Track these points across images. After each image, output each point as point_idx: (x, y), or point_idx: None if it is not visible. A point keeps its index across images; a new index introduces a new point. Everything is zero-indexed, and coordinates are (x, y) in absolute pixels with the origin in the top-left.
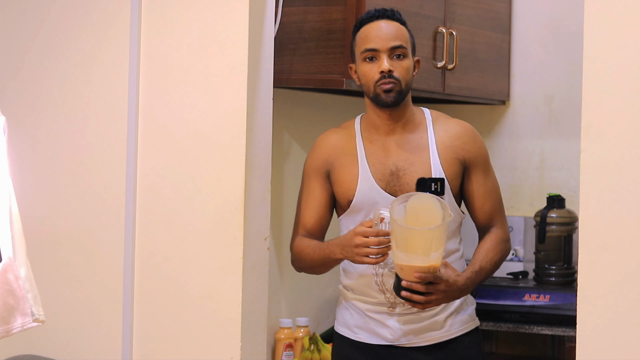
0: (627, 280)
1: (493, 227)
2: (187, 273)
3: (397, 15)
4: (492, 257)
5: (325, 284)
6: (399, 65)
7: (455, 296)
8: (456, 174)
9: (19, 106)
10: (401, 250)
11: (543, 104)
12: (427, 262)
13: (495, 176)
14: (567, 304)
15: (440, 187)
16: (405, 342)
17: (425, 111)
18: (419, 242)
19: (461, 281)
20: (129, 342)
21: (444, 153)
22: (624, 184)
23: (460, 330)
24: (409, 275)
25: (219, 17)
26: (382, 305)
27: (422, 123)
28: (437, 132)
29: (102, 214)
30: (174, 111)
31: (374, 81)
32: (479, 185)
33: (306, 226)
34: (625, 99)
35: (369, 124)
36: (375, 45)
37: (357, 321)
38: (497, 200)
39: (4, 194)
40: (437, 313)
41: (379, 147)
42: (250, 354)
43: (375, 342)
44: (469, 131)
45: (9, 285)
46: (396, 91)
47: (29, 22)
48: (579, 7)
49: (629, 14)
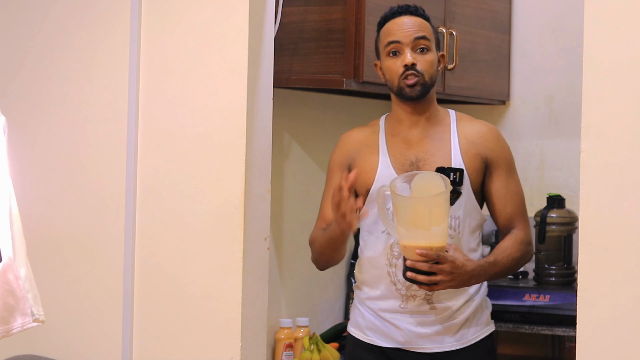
0: (627, 280)
1: (514, 229)
2: (187, 273)
3: (421, 11)
4: (509, 253)
5: (325, 284)
6: (422, 58)
7: (465, 281)
8: (477, 169)
9: (19, 106)
10: (402, 224)
11: (543, 104)
12: (429, 238)
13: (519, 180)
14: (567, 304)
15: (459, 178)
16: (417, 347)
17: (450, 111)
18: (419, 213)
19: (470, 266)
20: (129, 342)
21: (466, 148)
22: (624, 184)
23: (474, 338)
24: (412, 254)
25: (219, 17)
26: (394, 300)
27: (446, 119)
28: (461, 128)
29: (102, 214)
30: (174, 111)
31: (398, 75)
32: (501, 185)
33: (326, 220)
34: (625, 99)
35: (393, 120)
36: (398, 37)
37: (369, 322)
38: (519, 203)
39: (4, 194)
40: (452, 317)
41: (401, 140)
42: (250, 354)
43: (386, 344)
44: (493, 131)
45: (9, 285)
46: (420, 84)
47: (29, 22)
48: (579, 7)
49: (629, 14)
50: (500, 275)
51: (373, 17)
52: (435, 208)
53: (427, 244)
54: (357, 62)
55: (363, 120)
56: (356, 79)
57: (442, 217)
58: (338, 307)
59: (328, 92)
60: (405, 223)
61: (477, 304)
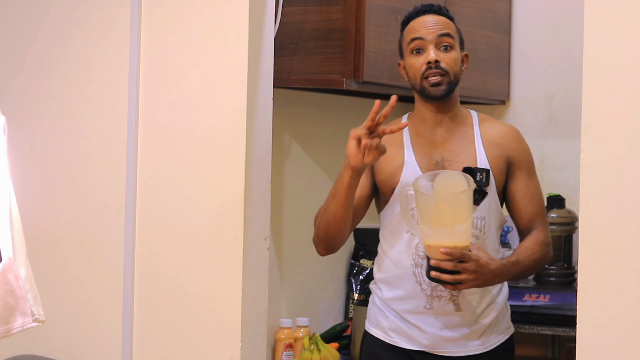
0: (627, 280)
1: (534, 230)
2: (187, 273)
3: (445, 10)
4: (531, 254)
5: (325, 284)
6: (446, 56)
7: (488, 280)
8: (501, 169)
9: (19, 106)
10: (426, 223)
11: (543, 104)
12: (453, 237)
13: (539, 181)
14: (567, 304)
15: (485, 178)
16: (442, 351)
17: (471, 111)
18: (442, 211)
19: (494, 265)
20: (129, 342)
21: (490, 148)
22: (624, 184)
23: (496, 342)
24: (435, 254)
25: (219, 17)
26: (419, 300)
27: (469, 120)
28: (483, 129)
29: (102, 214)
30: (174, 111)
31: (421, 73)
32: (522, 186)
33: None
34: (625, 99)
35: (416, 118)
36: (421, 34)
37: (392, 324)
38: (539, 204)
39: (4, 194)
40: (476, 321)
41: (424, 139)
42: (250, 354)
43: (410, 347)
44: (514, 132)
45: (9, 285)
46: (446, 83)
47: (29, 22)
48: (579, 7)
49: (629, 14)
50: (522, 276)
51: (373, 17)
52: (459, 206)
53: (451, 242)
54: (357, 62)
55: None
56: (356, 79)
57: (466, 215)
58: (338, 307)
59: (328, 92)
60: (429, 222)
61: (500, 307)
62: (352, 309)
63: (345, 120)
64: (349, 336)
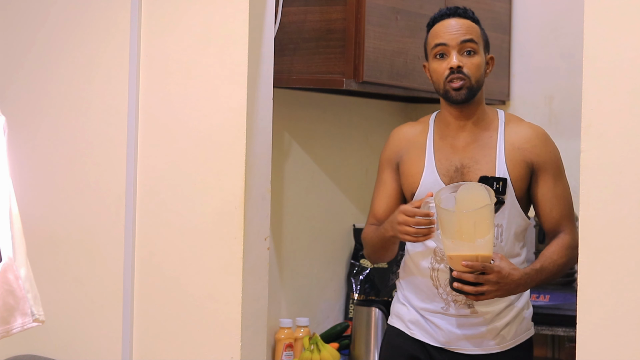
0: (627, 280)
1: (561, 233)
2: (187, 273)
3: (470, 13)
4: (555, 259)
5: (325, 284)
6: (469, 61)
7: (511, 290)
8: (522, 176)
9: (19, 106)
10: (447, 237)
11: (543, 104)
12: (474, 249)
13: (568, 183)
14: (567, 304)
15: (502, 187)
16: (457, 348)
17: (499, 112)
18: (463, 226)
19: (517, 275)
20: (129, 342)
21: (511, 154)
22: (624, 184)
23: (514, 342)
24: (457, 265)
25: (219, 17)
26: (436, 303)
27: (494, 123)
28: (508, 133)
29: (102, 214)
30: (174, 111)
31: (444, 77)
32: (548, 189)
33: (376, 215)
34: (625, 99)
35: (441, 120)
36: (445, 39)
37: (412, 318)
38: (566, 206)
39: (4, 194)
40: (493, 320)
41: (447, 144)
42: (250, 354)
43: (428, 341)
44: (540, 135)
45: (9, 285)
46: (466, 87)
47: (29, 22)
48: (579, 7)
49: (629, 14)
50: (546, 282)
51: (373, 17)
52: (480, 221)
53: (473, 253)
54: (357, 62)
55: (363, 120)
56: (356, 79)
57: (486, 229)
58: (338, 307)
59: (328, 92)
60: (450, 236)
61: (518, 310)
62: (352, 309)
63: (345, 120)
64: (349, 336)
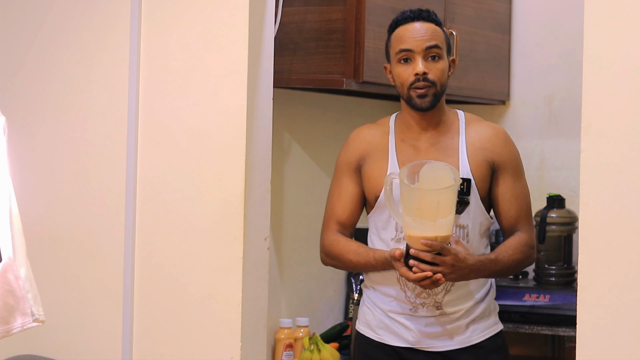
0: (627, 280)
1: (518, 232)
2: (187, 273)
3: (433, 16)
4: (511, 254)
5: (325, 284)
6: (434, 67)
7: (464, 275)
8: (484, 176)
9: (19, 106)
10: (409, 214)
11: (543, 104)
12: (435, 230)
13: (527, 183)
14: (567, 304)
15: (466, 188)
16: (426, 346)
17: (459, 113)
18: (427, 205)
19: (471, 260)
20: (129, 342)
21: (474, 155)
22: (624, 184)
23: (482, 336)
24: (416, 244)
25: (219, 17)
26: (404, 306)
27: (455, 125)
28: (469, 134)
29: (102, 214)
30: (174, 111)
31: (409, 83)
32: (507, 188)
33: (340, 220)
34: (625, 99)
35: (402, 123)
36: (410, 45)
37: (379, 322)
38: (524, 206)
39: (4, 194)
40: (460, 318)
41: (410, 146)
42: (250, 354)
43: (397, 343)
44: (500, 134)
45: (9, 285)
46: (431, 95)
47: (29, 22)
48: (578, 7)
49: (629, 14)
50: (500, 275)
51: (373, 17)
52: (443, 200)
53: (433, 234)
54: (357, 62)
55: (363, 120)
56: (356, 79)
57: (449, 209)
58: (338, 307)
59: (328, 92)
60: (411, 213)
61: (484, 307)
62: (352, 309)
63: (345, 120)
64: (349, 336)
